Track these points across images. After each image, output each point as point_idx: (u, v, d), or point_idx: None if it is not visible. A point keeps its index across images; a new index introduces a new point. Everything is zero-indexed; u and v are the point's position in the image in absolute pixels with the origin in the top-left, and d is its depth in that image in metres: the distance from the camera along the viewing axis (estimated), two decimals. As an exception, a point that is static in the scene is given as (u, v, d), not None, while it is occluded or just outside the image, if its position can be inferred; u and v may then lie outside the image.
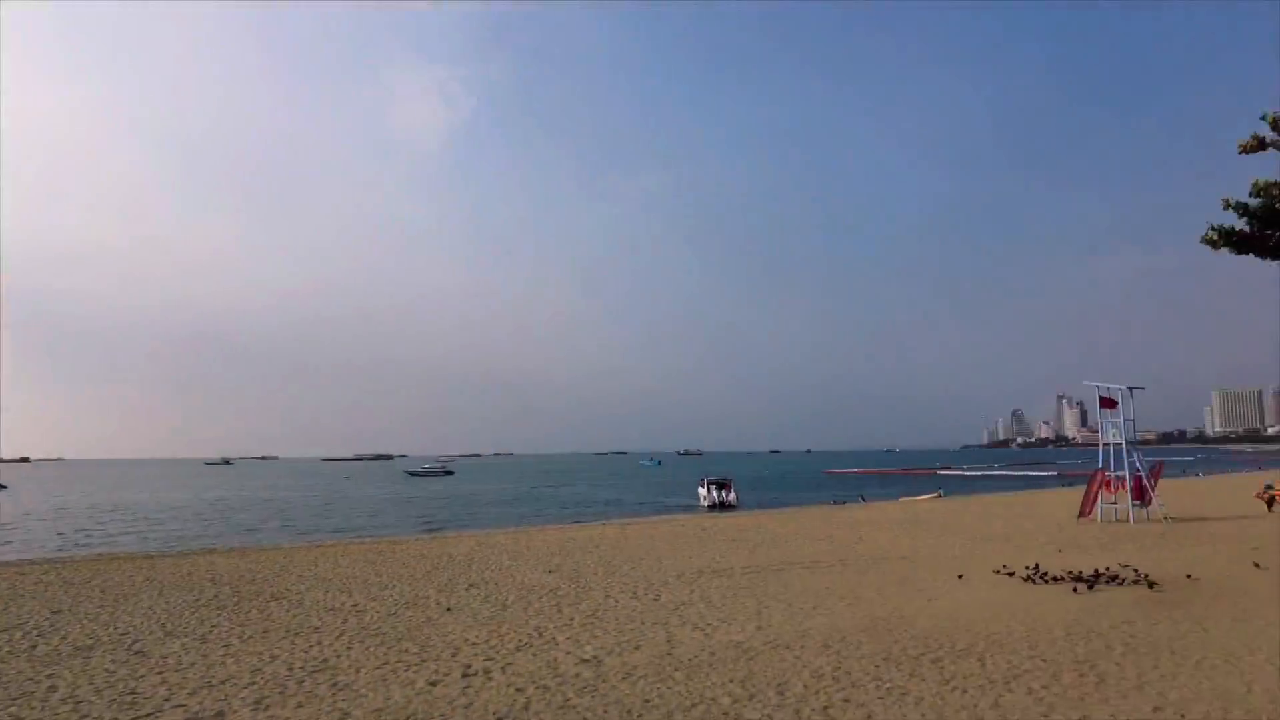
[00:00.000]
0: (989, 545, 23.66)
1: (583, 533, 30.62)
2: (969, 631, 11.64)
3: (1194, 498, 43.30)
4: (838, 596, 15.28)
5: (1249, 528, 27.09)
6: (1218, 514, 32.71)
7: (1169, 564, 18.30)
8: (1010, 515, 35.20)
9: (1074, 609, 13.16)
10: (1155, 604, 13.50)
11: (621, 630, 12.50)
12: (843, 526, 30.75)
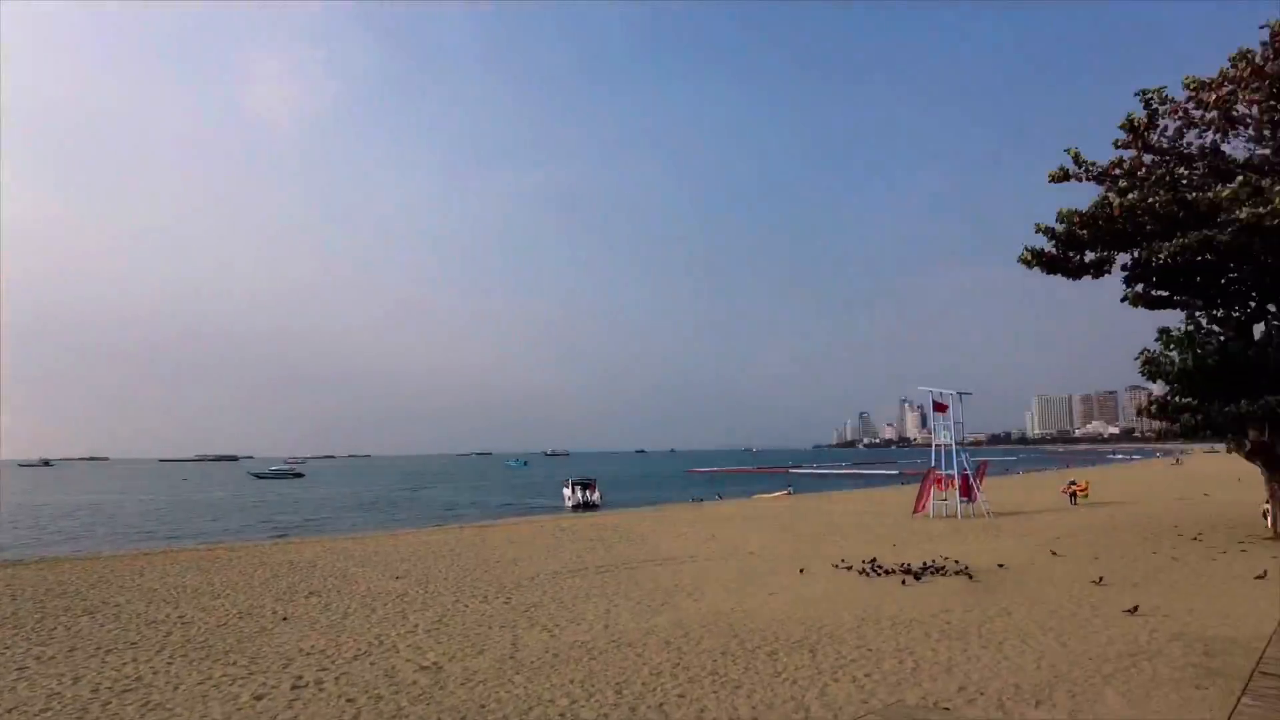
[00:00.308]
0: (832, 539, 24.89)
1: (438, 537, 29.78)
2: (804, 624, 12.19)
3: (1014, 493, 47.33)
4: (685, 592, 15.62)
5: (1054, 520, 29.92)
6: (1032, 508, 35.91)
7: (987, 554, 19.88)
8: (853, 511, 37.21)
9: (901, 600, 14.05)
10: (971, 592, 14.63)
11: (467, 635, 12.24)
12: (698, 524, 31.49)
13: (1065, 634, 11.06)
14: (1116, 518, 29.56)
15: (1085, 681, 8.73)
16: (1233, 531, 22.78)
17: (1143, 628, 11.31)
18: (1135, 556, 18.71)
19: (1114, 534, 23.73)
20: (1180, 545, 20.42)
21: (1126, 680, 8.73)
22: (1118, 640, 10.60)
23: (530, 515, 46.19)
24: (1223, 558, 18.04)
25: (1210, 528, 24.08)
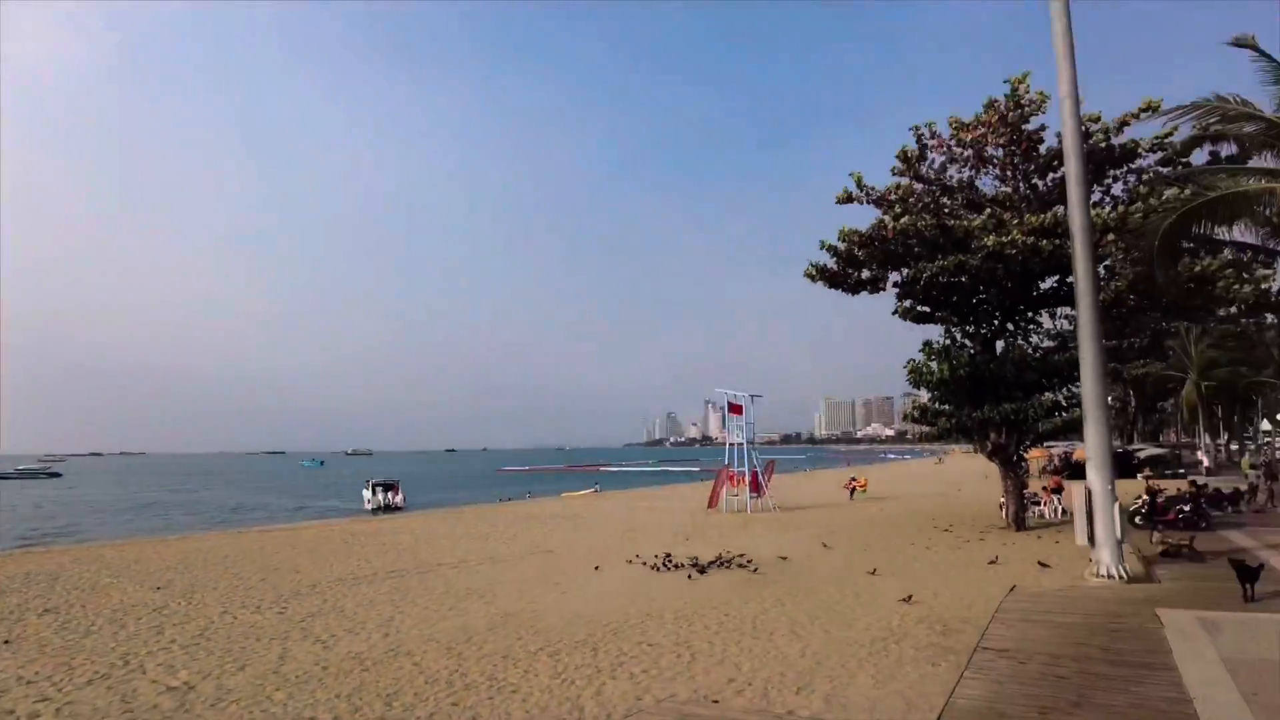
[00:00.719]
0: (631, 536, 25.44)
1: (212, 543, 27.24)
2: (591, 622, 12.29)
3: (801, 489, 50.78)
4: (477, 595, 15.28)
5: (834, 514, 32.43)
6: (817, 503, 38.68)
7: (771, 547, 21.11)
8: (653, 507, 38.29)
9: (687, 594, 14.55)
10: (752, 585, 15.43)
11: (230, 650, 11.23)
12: (501, 524, 31.05)
13: (830, 622, 11.91)
14: (886, 511, 32.49)
15: (842, 666, 9.42)
16: (976, 523, 25.72)
17: (895, 612, 12.43)
18: (897, 547, 20.60)
19: (881, 527, 26.05)
20: (934, 536, 22.75)
21: (877, 663, 9.51)
22: (874, 626, 11.56)
23: (324, 519, 43.47)
24: (966, 546, 20.28)
25: (959, 520, 27.05)
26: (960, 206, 23.08)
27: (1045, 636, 10.03)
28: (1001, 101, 21.49)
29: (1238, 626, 10.12)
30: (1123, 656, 8.97)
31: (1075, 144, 14.95)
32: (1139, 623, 10.54)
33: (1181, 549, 16.25)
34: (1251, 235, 18.81)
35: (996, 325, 23.59)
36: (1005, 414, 22.11)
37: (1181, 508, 21.00)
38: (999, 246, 19.70)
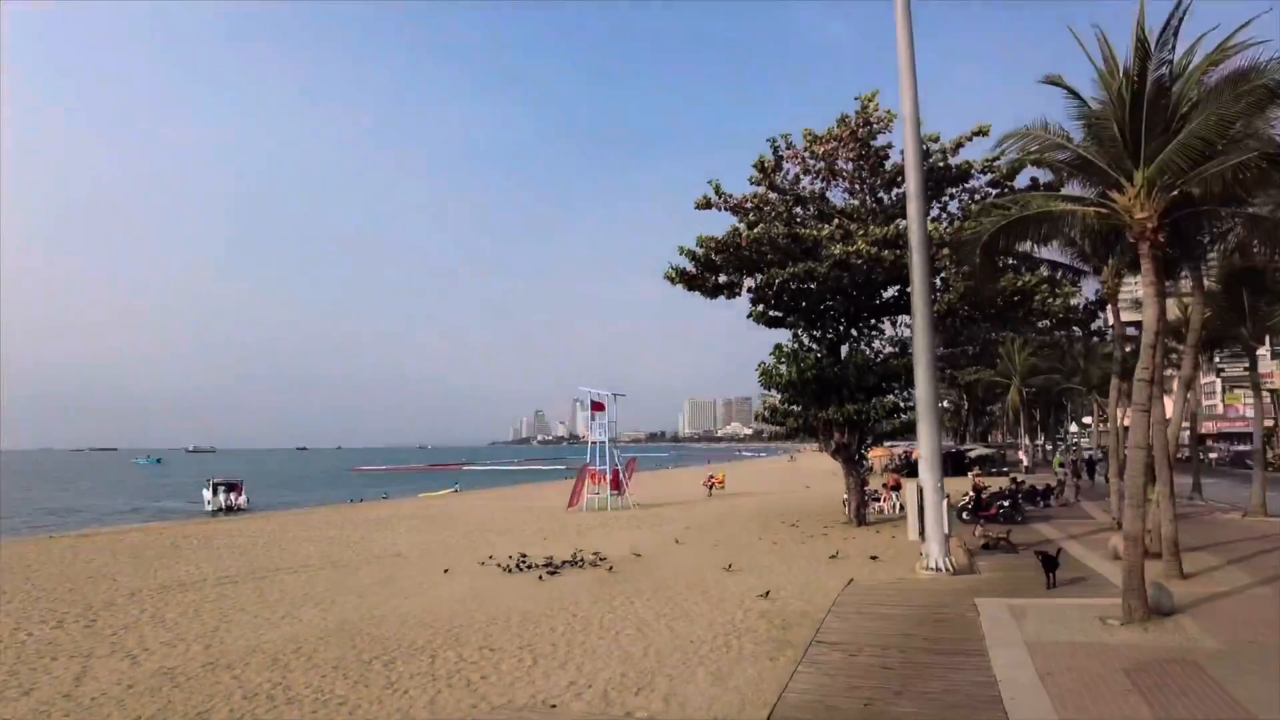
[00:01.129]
0: (487, 537, 24.93)
1: (13, 550, 24.43)
2: (433, 627, 11.86)
3: (663, 487, 51.58)
4: (314, 602, 14.47)
5: (691, 510, 33.09)
6: (675, 500, 39.36)
7: (627, 545, 21.23)
8: (513, 507, 37.75)
9: (537, 595, 14.33)
10: (604, 583, 15.41)
11: (17, 671, 10.05)
12: (351, 526, 29.67)
13: (676, 619, 12.04)
14: (739, 508, 33.48)
15: (684, 664, 9.51)
16: (821, 518, 26.91)
17: (739, 607, 12.72)
18: (746, 543, 21.21)
19: (733, 522, 26.80)
20: (781, 531, 23.61)
21: (718, 660, 9.67)
22: (718, 622, 11.77)
23: (158, 521, 40.10)
24: (810, 541, 21.15)
25: (806, 515, 28.23)
26: (812, 216, 24.06)
27: (876, 628, 10.55)
28: (852, 117, 22.60)
29: (1040, 611, 11.02)
30: (943, 645, 9.55)
31: (915, 161, 15.89)
32: (959, 612, 11.29)
33: (999, 541, 17.60)
34: (1063, 256, 20.70)
35: (842, 330, 24.78)
36: (848, 415, 23.24)
37: (1001, 503, 22.81)
38: (845, 256, 20.66)
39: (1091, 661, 8.57)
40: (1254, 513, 22.71)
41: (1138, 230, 10.23)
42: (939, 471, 15.58)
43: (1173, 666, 8.31)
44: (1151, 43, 9.64)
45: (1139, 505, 10.39)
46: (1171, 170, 9.83)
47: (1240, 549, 16.81)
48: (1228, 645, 9.10)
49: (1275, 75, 9.86)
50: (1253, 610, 11.06)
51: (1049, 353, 47.01)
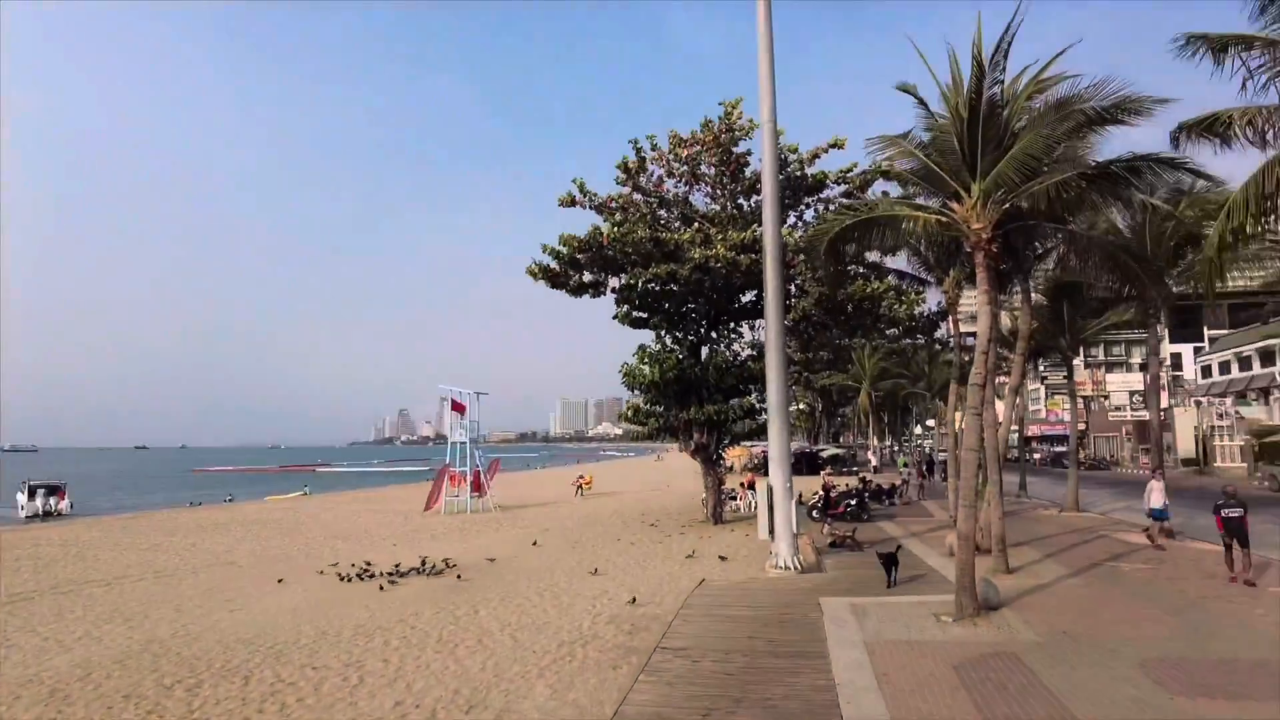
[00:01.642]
0: (333, 543, 23.48)
1: None
2: (253, 645, 10.83)
3: (531, 488, 50.76)
4: (123, 618, 13.00)
5: (554, 511, 32.59)
6: (540, 501, 38.72)
7: (483, 549, 20.52)
8: (367, 511, 35.93)
9: (376, 606, 13.44)
10: (451, 592, 14.66)
11: None
12: (183, 532, 27.22)
13: (522, 629, 11.54)
14: (602, 508, 33.28)
15: (522, 677, 9.03)
16: (681, 517, 27.11)
17: (587, 613, 12.38)
18: (603, 544, 20.95)
19: (594, 523, 26.52)
20: (640, 531, 23.54)
21: (559, 671, 9.26)
22: (565, 629, 11.37)
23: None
24: (667, 541, 21.15)
25: (667, 515, 28.37)
26: (676, 219, 24.15)
27: (722, 631, 10.45)
28: (716, 123, 22.81)
29: (881, 610, 11.30)
30: (785, 647, 9.55)
31: (771, 167, 16.11)
32: (804, 612, 11.39)
33: (845, 540, 18.15)
34: (910, 267, 21.75)
35: (703, 333, 25.02)
36: (708, 415, 23.47)
37: (849, 502, 23.67)
38: (705, 259, 20.81)
39: (925, 660, 8.77)
40: (1069, 508, 24.68)
41: (973, 240, 10.68)
42: (788, 471, 15.85)
43: (996, 660, 8.63)
44: (986, 62, 10.06)
45: (971, 505, 10.84)
46: (1004, 184, 10.32)
47: (1057, 543, 18.10)
48: (1044, 637, 9.59)
49: (1091, 103, 10.52)
50: (1065, 602, 11.80)
51: (897, 359, 49.67)
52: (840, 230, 11.39)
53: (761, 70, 16.15)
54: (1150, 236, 17.36)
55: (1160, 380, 20.86)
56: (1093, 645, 9.19)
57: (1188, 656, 8.69)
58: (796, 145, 22.95)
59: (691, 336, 24.80)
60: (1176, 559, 15.62)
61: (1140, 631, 9.83)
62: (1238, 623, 10.23)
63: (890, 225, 11.37)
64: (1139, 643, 9.26)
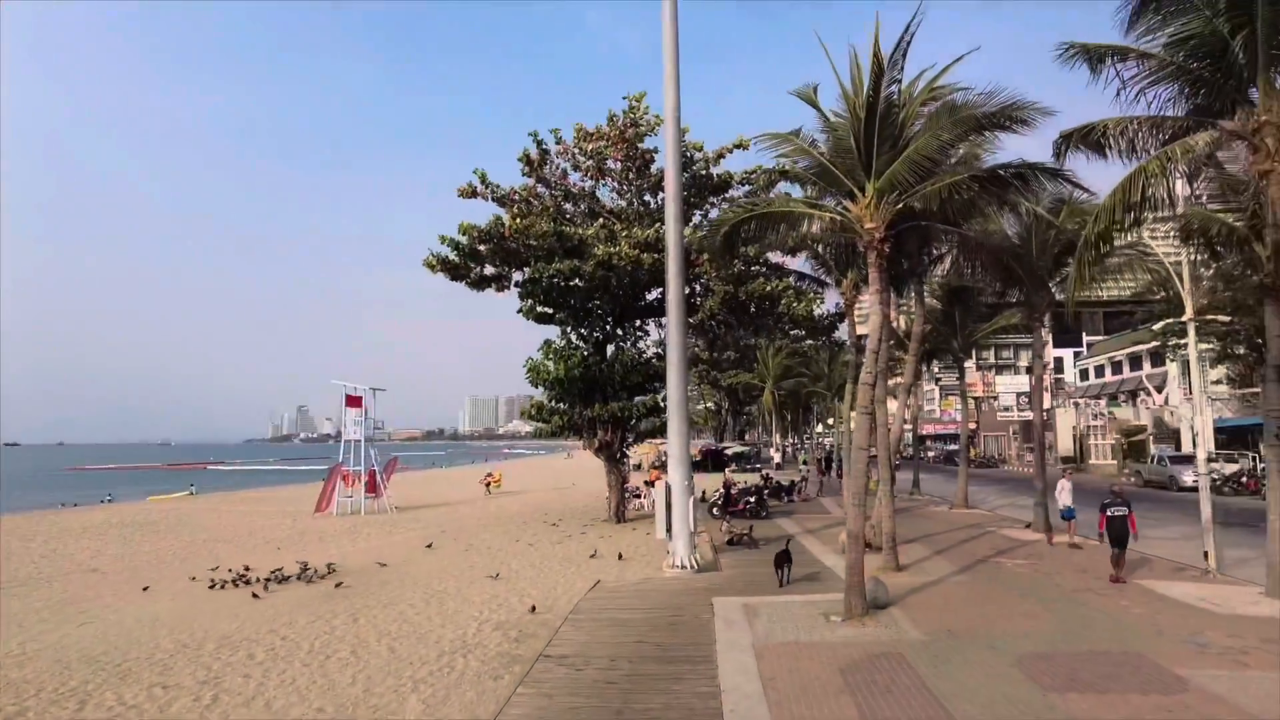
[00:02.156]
0: (212, 546, 22.09)
1: None
2: (98, 663, 9.85)
3: (432, 488, 49.38)
4: (-50, 638, 11.64)
5: (451, 512, 31.63)
6: (443, 501, 37.64)
7: (374, 553, 19.66)
8: (255, 512, 34.09)
9: (246, 615, 12.55)
10: (330, 599, 13.85)
11: None
12: (43, 538, 25.02)
13: (402, 637, 10.94)
14: (504, 508, 32.56)
15: (395, 692, 8.48)
16: (584, 516, 26.73)
17: (473, 619, 11.86)
18: (500, 546, 20.35)
19: (494, 523, 25.83)
20: (540, 531, 23.03)
21: (435, 684, 8.74)
22: (448, 637, 10.84)
23: None
24: (567, 541, 20.73)
25: (570, 513, 27.94)
26: (582, 214, 23.76)
27: (610, 636, 10.13)
28: (620, 116, 22.50)
29: (772, 610, 11.21)
30: (673, 652, 9.30)
31: (674, 161, 15.89)
32: (695, 614, 11.20)
33: (743, 537, 18.16)
34: (810, 268, 22.03)
35: (609, 330, 24.71)
36: (611, 413, 23.19)
37: (749, 499, 23.80)
38: (609, 256, 20.49)
39: (812, 663, 8.66)
40: (958, 505, 25.60)
41: (866, 239, 10.71)
42: (687, 469, 15.70)
43: (882, 662, 8.60)
44: (885, 61, 10.09)
45: (861, 504, 10.87)
46: (898, 184, 10.38)
47: (945, 540, 18.63)
48: (929, 636, 9.67)
49: (982, 109, 10.68)
50: (950, 598, 12.02)
51: (799, 359, 50.71)
52: (736, 223, 11.26)
53: (666, 64, 15.91)
54: (1035, 245, 18.04)
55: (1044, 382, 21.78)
56: (974, 642, 9.31)
57: (1061, 650, 8.90)
58: (702, 144, 22.88)
59: (597, 333, 24.47)
60: (1054, 554, 16.27)
61: (1019, 627, 10.05)
62: (1108, 615, 10.61)
63: (786, 221, 11.30)
64: (1017, 638, 9.44)
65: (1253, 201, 11.86)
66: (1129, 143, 9.26)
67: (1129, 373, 55.39)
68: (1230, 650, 8.81)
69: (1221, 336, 39.68)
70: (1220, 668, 8.18)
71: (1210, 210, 12.36)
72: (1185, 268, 13.99)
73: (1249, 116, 8.36)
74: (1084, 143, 9.43)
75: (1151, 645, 9.09)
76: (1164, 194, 8.30)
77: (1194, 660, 8.48)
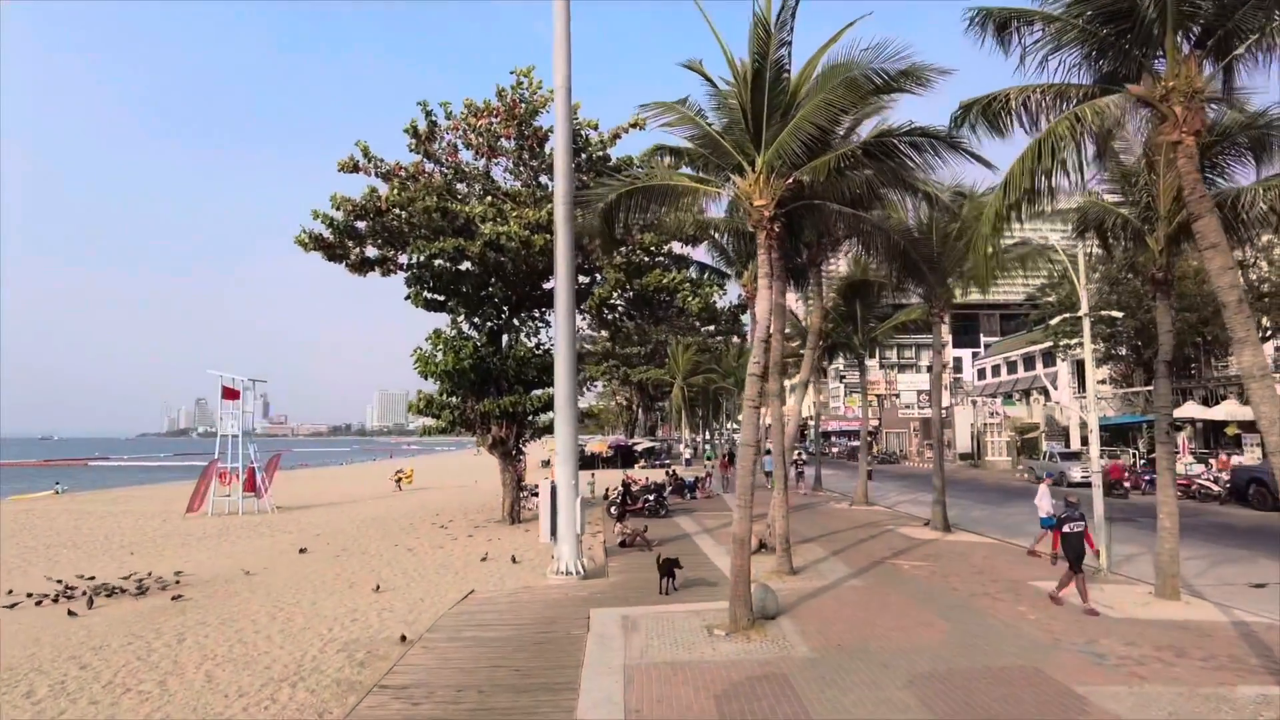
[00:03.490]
0: (55, 552, 19.95)
1: None
2: None
3: (328, 485, 46.79)
4: None
5: (339, 512, 29.63)
6: (336, 499, 35.59)
7: (239, 558, 18.08)
8: (123, 512, 31.21)
9: (50, 638, 10.78)
10: (160, 614, 12.16)
11: None
12: None
13: (228, 662, 9.48)
14: (394, 508, 30.76)
15: (195, 733, 7.08)
16: (478, 515, 25.31)
17: (319, 637, 10.48)
18: (378, 550, 18.82)
19: (378, 526, 24.12)
20: (425, 534, 21.55)
21: (251, 717, 7.38)
22: (282, 660, 9.46)
23: None
24: (452, 544, 19.33)
25: (464, 513, 26.45)
26: (477, 196, 22.27)
27: (464, 660, 8.92)
28: (509, 91, 21.11)
29: (653, 623, 10.22)
30: (533, 677, 8.18)
31: (565, 135, 14.71)
32: (568, 628, 10.11)
33: (636, 538, 17.17)
34: (712, 260, 21.26)
35: (504, 320, 23.35)
36: (505, 407, 21.87)
37: (648, 497, 22.88)
38: (496, 236, 19.14)
39: (686, 689, 7.68)
40: (859, 502, 25.37)
41: (756, 218, 9.85)
42: (574, 466, 14.60)
43: (763, 686, 7.70)
44: (772, 23, 9.19)
45: (748, 505, 9.99)
46: (787, 155, 9.52)
47: (844, 539, 18.11)
48: (818, 653, 8.83)
49: (871, 65, 9.73)
50: (844, 606, 11.26)
51: (709, 355, 50.33)
52: (615, 199, 10.19)
53: (557, 32, 14.72)
54: (936, 236, 17.74)
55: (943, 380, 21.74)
56: (866, 660, 8.52)
57: (957, 668, 8.19)
58: (597, 122, 21.60)
59: (491, 323, 23.03)
60: (951, 554, 15.91)
61: (914, 640, 9.32)
62: (1004, 624, 10.03)
63: (670, 197, 10.32)
64: (912, 654, 8.71)
65: (1146, 194, 11.62)
66: (1031, 116, 8.65)
67: (1024, 372, 57.34)
68: (1127, 661, 8.30)
69: (1106, 339, 41.41)
70: (1119, 682, 7.62)
71: (1106, 203, 12.04)
72: (1081, 259, 13.78)
73: (1156, 82, 7.85)
74: (985, 116, 8.78)
75: (1050, 658, 8.49)
76: (1074, 162, 7.66)
77: (1093, 674, 7.91)
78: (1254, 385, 6.36)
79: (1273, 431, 6.17)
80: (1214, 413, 33.30)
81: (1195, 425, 34.95)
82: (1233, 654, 8.53)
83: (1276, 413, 6.24)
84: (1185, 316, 32.35)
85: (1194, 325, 35.22)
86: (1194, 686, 7.42)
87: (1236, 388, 35.24)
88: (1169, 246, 11.13)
